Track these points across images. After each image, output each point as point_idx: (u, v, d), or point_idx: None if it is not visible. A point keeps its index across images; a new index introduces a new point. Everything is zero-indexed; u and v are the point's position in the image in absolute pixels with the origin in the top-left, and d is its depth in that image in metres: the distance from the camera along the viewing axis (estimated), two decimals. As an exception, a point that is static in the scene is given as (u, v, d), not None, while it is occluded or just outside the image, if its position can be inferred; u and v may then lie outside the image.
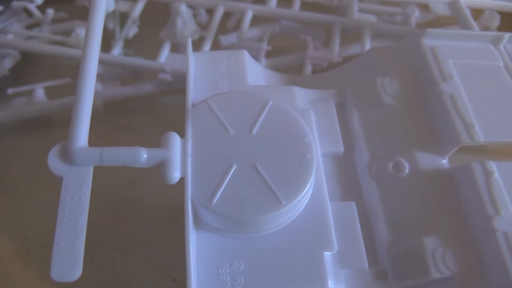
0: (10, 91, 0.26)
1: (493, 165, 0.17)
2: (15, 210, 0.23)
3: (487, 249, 0.16)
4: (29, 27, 0.30)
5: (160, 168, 0.16)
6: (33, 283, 0.21)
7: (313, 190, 0.17)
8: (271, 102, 0.17)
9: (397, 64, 0.21)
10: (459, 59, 0.20)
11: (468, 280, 0.16)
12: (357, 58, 0.22)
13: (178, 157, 0.16)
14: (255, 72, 0.21)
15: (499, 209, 0.16)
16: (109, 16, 0.28)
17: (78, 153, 0.15)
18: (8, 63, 0.27)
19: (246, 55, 0.21)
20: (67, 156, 0.16)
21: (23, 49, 0.26)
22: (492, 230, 0.16)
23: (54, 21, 0.30)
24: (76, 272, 0.14)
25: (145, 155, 0.16)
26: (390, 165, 0.18)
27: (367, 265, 0.16)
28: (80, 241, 0.14)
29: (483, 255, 0.16)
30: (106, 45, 0.28)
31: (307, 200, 0.17)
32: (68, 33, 0.28)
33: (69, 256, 0.14)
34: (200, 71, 0.20)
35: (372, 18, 0.28)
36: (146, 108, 0.27)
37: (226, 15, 0.29)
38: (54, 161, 0.16)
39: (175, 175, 0.16)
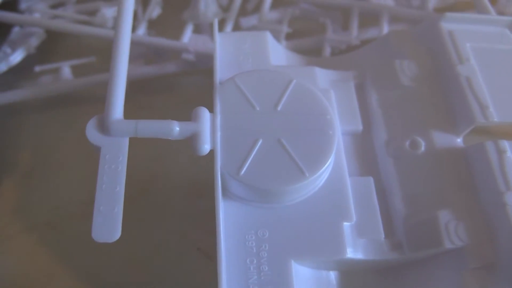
0: (37, 68, 0.27)
1: (505, 144, 0.18)
2: (44, 183, 0.25)
3: (497, 222, 0.17)
4: (53, 6, 0.30)
5: (191, 141, 0.17)
6: (66, 251, 0.22)
7: (334, 165, 0.18)
8: (294, 81, 0.18)
9: (415, 47, 0.21)
10: (476, 43, 0.21)
11: (479, 251, 0.17)
12: (376, 41, 0.23)
13: (208, 130, 0.17)
14: (277, 53, 0.22)
15: (511, 186, 0.17)
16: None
17: (115, 124, 0.16)
18: (34, 41, 0.28)
19: (269, 36, 0.21)
20: (104, 127, 0.17)
21: (51, 28, 0.27)
22: (503, 205, 0.17)
23: (78, 1, 0.30)
24: (116, 234, 0.15)
25: (178, 128, 0.17)
26: (407, 143, 0.19)
27: (383, 236, 0.17)
28: (118, 206, 0.15)
29: (493, 228, 0.17)
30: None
31: (328, 173, 0.18)
32: (92, 13, 0.29)
33: (109, 219, 0.15)
34: (225, 51, 0.20)
35: (389, 2, 0.28)
36: (168, 87, 0.28)
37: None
38: (92, 132, 0.17)
39: (206, 147, 0.17)
